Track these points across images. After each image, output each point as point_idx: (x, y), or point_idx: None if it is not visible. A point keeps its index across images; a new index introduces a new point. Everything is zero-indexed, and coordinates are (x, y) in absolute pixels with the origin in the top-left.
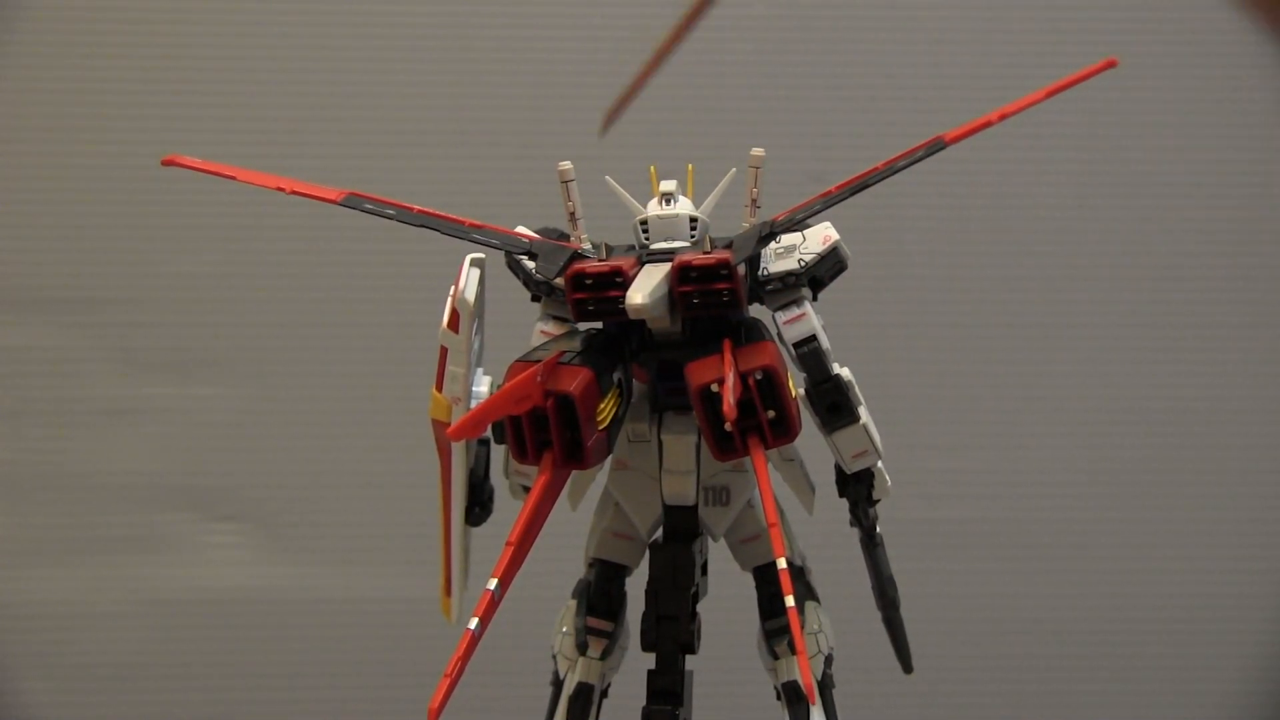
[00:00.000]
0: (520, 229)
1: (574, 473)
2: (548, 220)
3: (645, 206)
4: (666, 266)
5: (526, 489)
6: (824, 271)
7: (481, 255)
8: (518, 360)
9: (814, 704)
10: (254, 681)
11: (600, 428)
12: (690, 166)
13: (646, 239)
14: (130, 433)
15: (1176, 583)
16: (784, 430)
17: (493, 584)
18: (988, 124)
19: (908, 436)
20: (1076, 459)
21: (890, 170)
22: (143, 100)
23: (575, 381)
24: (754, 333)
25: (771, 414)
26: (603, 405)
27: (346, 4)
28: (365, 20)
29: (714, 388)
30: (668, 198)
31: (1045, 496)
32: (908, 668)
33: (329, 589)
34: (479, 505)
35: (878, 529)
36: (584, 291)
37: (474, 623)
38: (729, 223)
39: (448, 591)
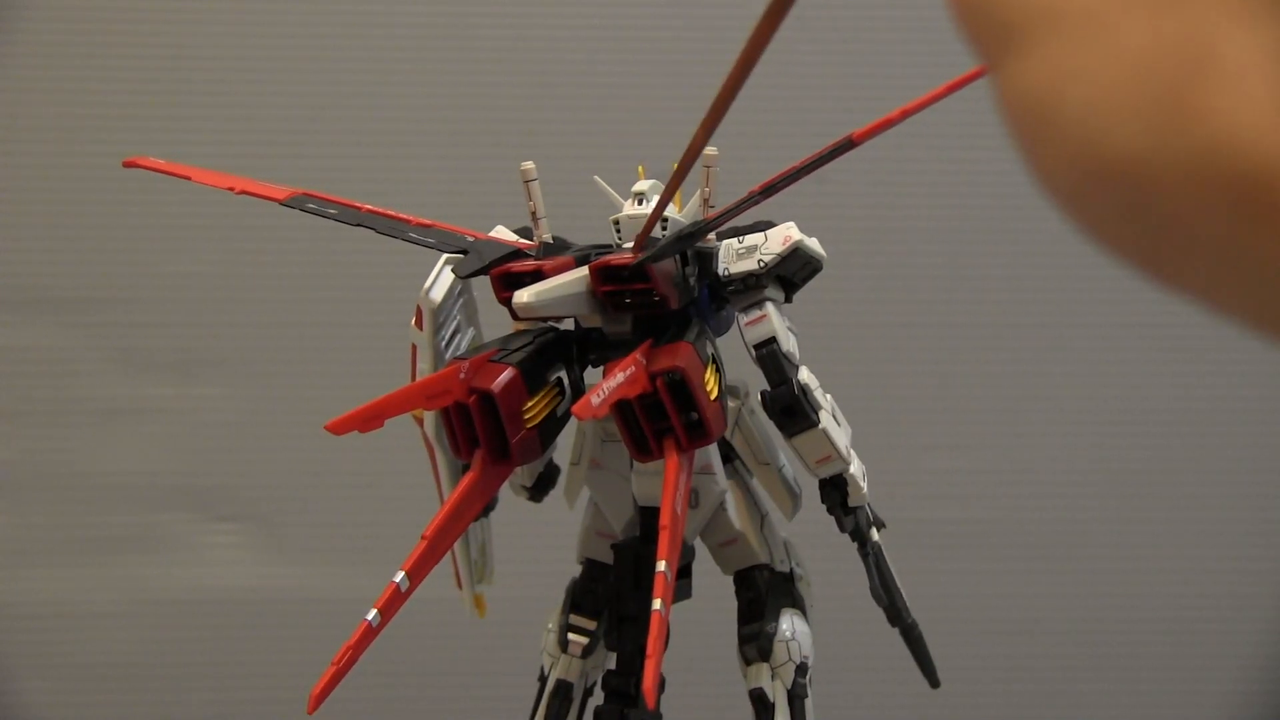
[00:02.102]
0: (499, 228)
1: (570, 471)
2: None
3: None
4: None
5: (525, 487)
6: (790, 272)
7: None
8: (457, 357)
9: (651, 706)
10: (254, 681)
11: (528, 426)
12: (675, 165)
13: (619, 238)
14: (130, 433)
15: (1176, 583)
16: (701, 433)
17: (400, 576)
18: (890, 122)
19: (907, 436)
20: (1077, 459)
21: (802, 171)
22: (142, 100)
23: (496, 378)
24: (681, 332)
25: (692, 416)
26: (531, 404)
27: (349, 5)
28: (366, 21)
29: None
30: (640, 197)
31: (1045, 497)
32: (933, 682)
33: (329, 589)
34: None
35: (874, 537)
36: (508, 291)
37: (373, 614)
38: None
39: (460, 587)
